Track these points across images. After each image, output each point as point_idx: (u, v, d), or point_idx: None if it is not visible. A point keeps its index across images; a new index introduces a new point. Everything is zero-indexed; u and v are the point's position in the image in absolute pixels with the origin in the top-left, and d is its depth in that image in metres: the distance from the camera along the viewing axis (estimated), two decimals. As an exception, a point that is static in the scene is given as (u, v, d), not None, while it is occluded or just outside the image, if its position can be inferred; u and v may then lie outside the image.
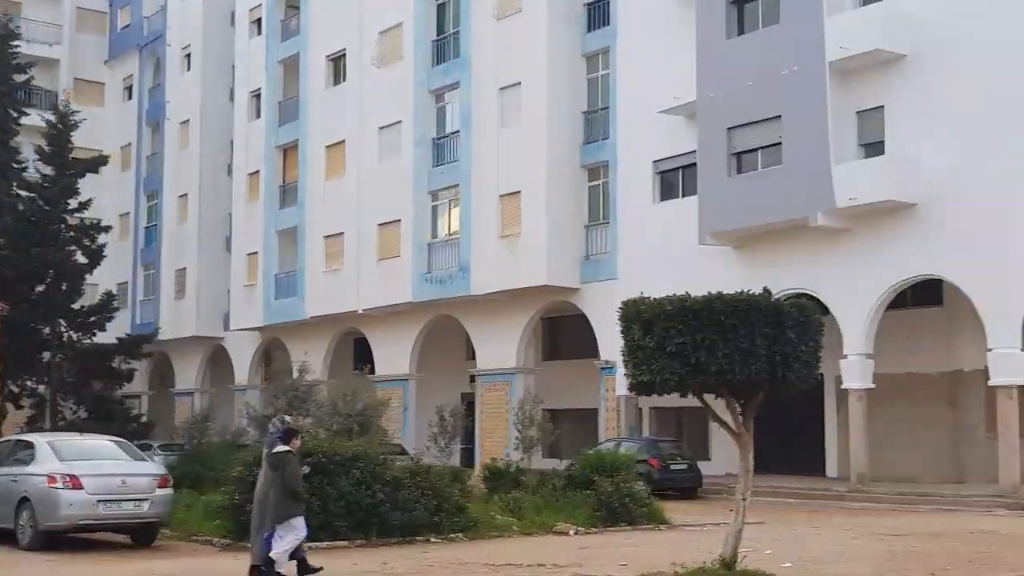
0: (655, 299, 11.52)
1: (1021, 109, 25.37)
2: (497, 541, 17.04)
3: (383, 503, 16.21)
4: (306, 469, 13.83)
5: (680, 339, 11.12)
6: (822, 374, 30.25)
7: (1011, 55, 25.44)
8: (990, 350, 25.38)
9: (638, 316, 11.52)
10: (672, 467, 28.53)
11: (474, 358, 36.81)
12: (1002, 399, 25.31)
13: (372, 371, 38.95)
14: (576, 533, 17.95)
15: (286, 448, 13.00)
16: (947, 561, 15.13)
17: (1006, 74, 25.35)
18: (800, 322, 11.46)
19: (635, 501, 18.80)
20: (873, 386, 27.76)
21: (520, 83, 34.32)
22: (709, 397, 11.99)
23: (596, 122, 34.11)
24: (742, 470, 11.89)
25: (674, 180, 32.22)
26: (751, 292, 11.66)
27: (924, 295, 28.96)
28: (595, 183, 34.21)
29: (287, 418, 15.54)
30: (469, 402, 36.70)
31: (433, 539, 16.63)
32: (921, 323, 29.47)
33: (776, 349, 11.24)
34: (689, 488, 28.52)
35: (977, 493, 25.62)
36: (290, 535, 12.83)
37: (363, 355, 40.40)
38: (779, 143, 28.20)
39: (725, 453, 30.80)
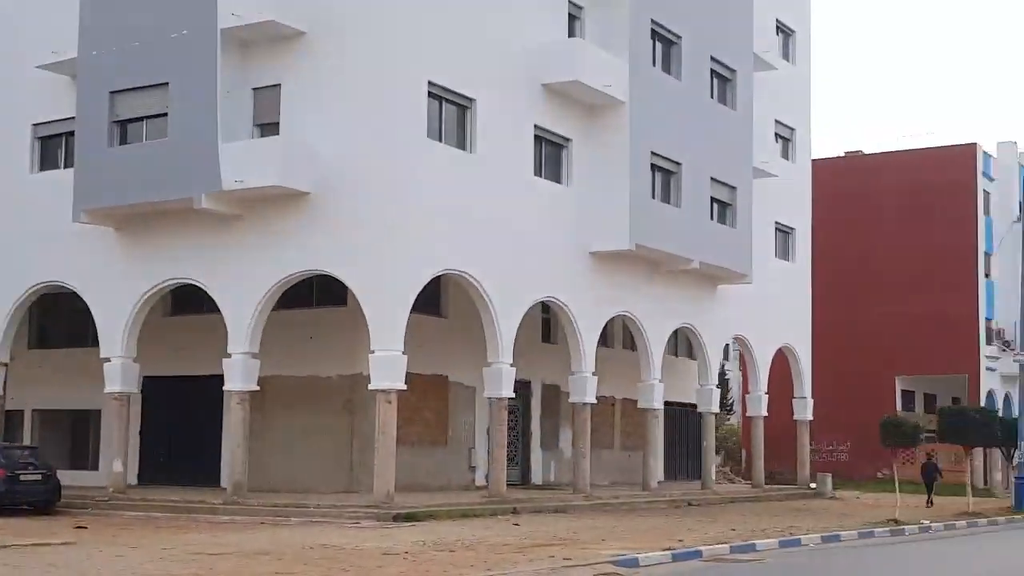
0: None
1: (413, 98, 24.31)
2: None
3: None
4: None
5: None
6: (221, 376, 27.88)
7: (402, 41, 24.23)
8: (373, 352, 23.99)
9: None
10: (23, 478, 24.60)
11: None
12: (381, 403, 23.95)
13: None
14: None
15: None
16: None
17: (396, 61, 24.11)
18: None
19: None
20: (257, 388, 25.58)
21: None
22: None
23: (-32, 74, 29.14)
24: None
25: (57, 148, 28.17)
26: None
27: (331, 294, 27.12)
28: (-37, 146, 29.20)
29: None
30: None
31: None
32: (326, 323, 27.85)
33: None
34: (43, 502, 24.76)
35: (356, 504, 24.12)
36: None
37: None
38: (166, 114, 25.18)
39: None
